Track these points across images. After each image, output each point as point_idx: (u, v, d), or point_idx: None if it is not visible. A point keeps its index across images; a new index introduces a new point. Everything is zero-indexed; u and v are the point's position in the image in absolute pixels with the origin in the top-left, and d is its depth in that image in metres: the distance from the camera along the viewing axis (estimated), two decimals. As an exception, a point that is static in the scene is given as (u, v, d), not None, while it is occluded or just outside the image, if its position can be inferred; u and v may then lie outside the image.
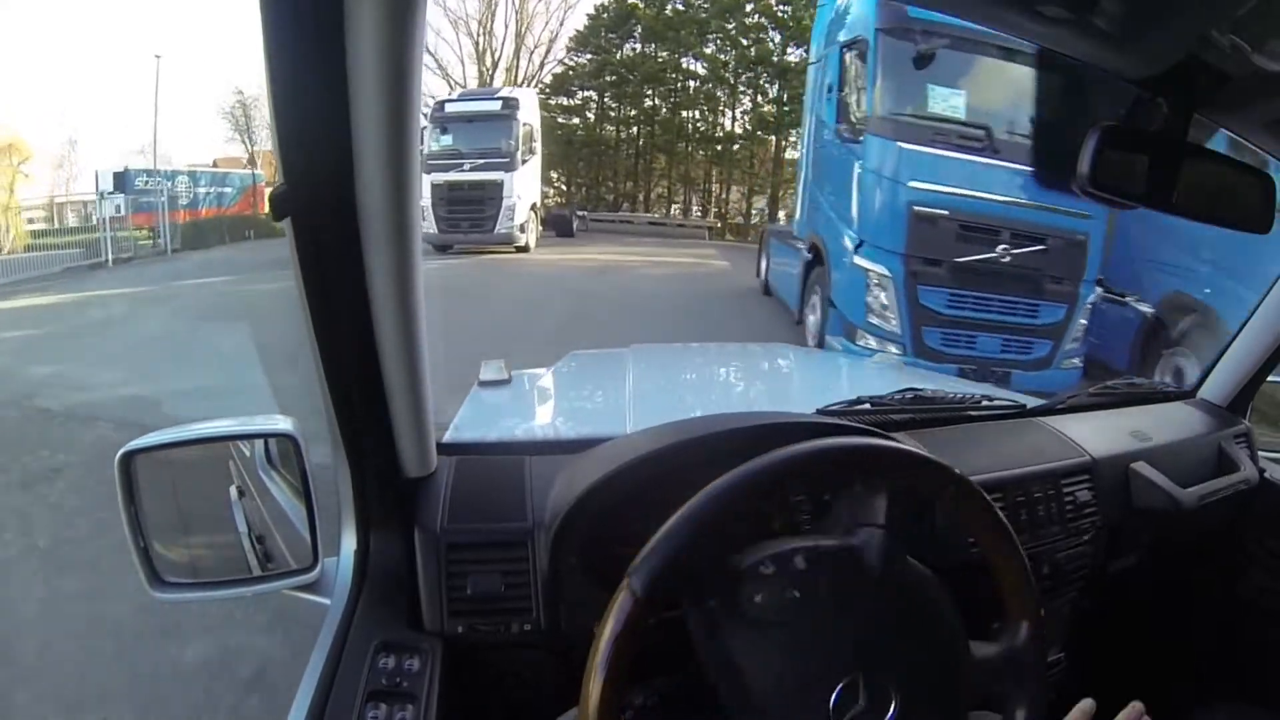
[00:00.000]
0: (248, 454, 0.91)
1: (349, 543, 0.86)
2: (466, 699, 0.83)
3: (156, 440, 0.80)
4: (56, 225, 14.18)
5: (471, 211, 11.44)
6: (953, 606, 0.68)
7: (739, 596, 0.64)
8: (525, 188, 11.95)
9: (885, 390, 1.24)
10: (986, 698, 0.72)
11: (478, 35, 19.25)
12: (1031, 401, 1.37)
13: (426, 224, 10.44)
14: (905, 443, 0.87)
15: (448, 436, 1.19)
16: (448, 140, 11.84)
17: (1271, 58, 0.62)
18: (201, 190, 15.10)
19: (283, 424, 0.82)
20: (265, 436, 0.87)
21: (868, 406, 1.17)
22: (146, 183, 13.73)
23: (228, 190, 15.63)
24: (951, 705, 0.67)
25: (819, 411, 1.12)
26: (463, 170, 11.43)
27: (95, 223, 12.59)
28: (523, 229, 11.77)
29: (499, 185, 11.45)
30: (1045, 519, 1.09)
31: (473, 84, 18.34)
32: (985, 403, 1.29)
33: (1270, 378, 1.43)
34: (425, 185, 10.23)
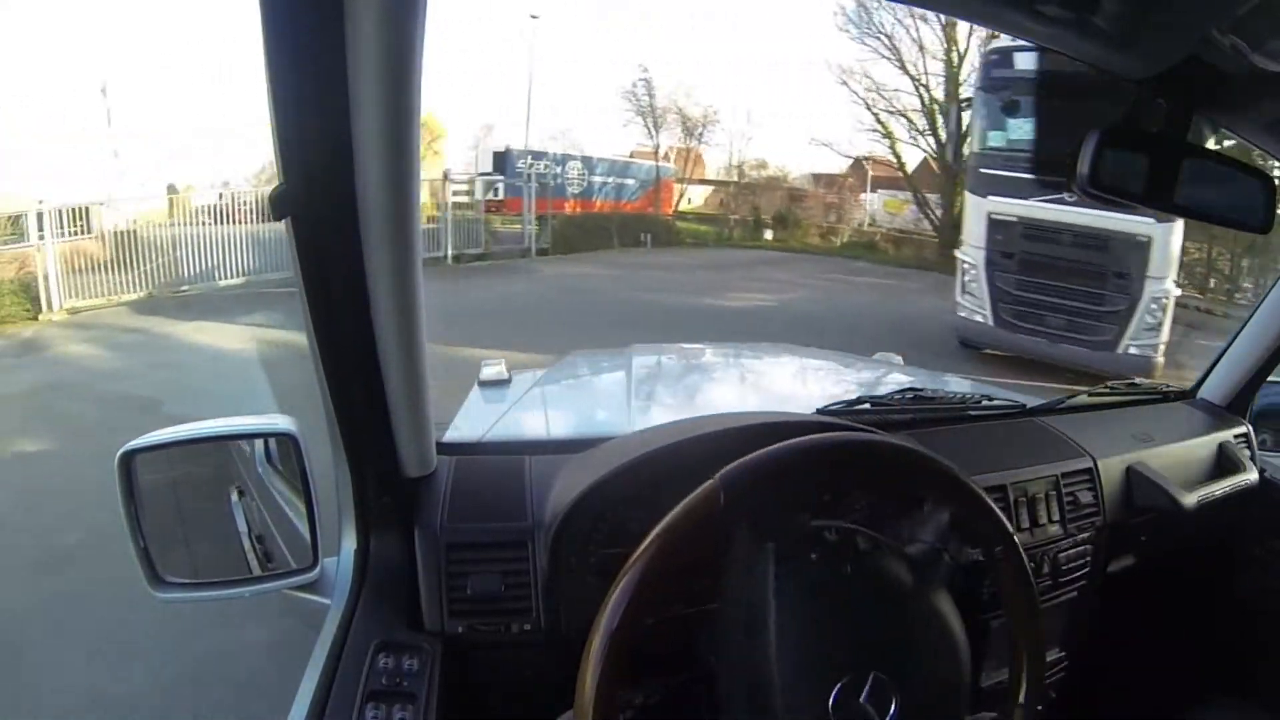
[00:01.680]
0: (248, 454, 0.91)
1: (349, 543, 0.86)
2: (466, 699, 0.83)
3: (156, 440, 0.80)
4: (472, 199, 12.78)
5: (1071, 295, 5.86)
6: (968, 645, 0.69)
7: (798, 549, 0.65)
8: (1173, 255, 5.83)
9: (885, 390, 1.24)
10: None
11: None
12: (1032, 401, 1.37)
13: (966, 304, 6.38)
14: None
15: (448, 436, 1.19)
16: (1020, 128, 6.18)
17: (1271, 58, 0.62)
18: (597, 179, 13.04)
19: (283, 424, 0.82)
20: (265, 436, 0.87)
21: (868, 406, 1.17)
22: (531, 165, 12.09)
23: (629, 182, 13.45)
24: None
25: (819, 411, 1.12)
26: (1064, 203, 5.63)
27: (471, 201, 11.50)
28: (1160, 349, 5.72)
29: (1140, 247, 5.59)
30: (1045, 519, 1.09)
31: (936, 86, 13.14)
32: (985, 403, 1.29)
33: (1270, 378, 1.43)
34: (973, 216, 6.50)
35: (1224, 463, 1.32)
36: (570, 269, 10.94)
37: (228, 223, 9.42)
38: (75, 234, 8.36)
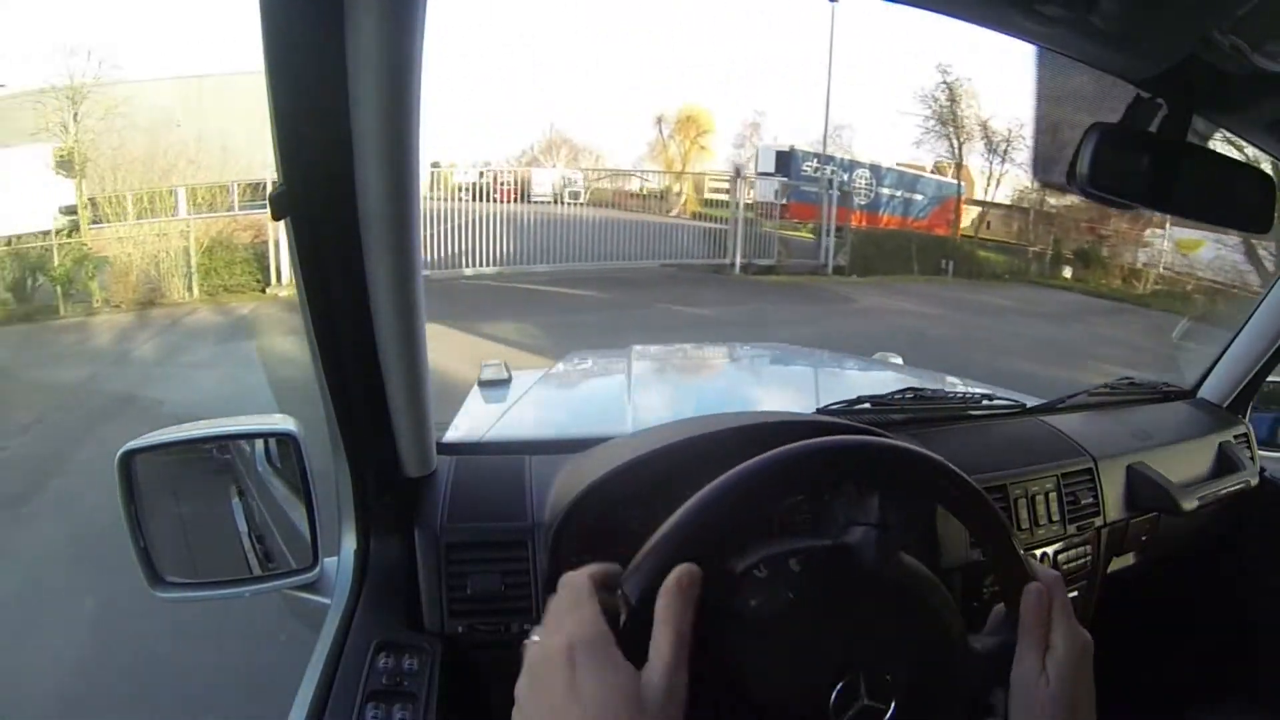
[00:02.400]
0: (248, 454, 0.91)
1: (349, 542, 0.86)
2: (466, 699, 0.83)
3: (156, 440, 0.80)
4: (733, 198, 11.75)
5: None
6: (952, 605, 0.68)
7: (734, 601, 0.63)
8: None
9: (885, 390, 1.24)
10: (989, 700, 0.72)
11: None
12: (1032, 401, 1.37)
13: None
14: (903, 440, 0.87)
15: (448, 436, 1.19)
16: None
17: (1271, 58, 0.62)
18: (885, 191, 11.25)
19: (283, 424, 0.82)
20: (265, 436, 0.87)
21: (868, 406, 1.17)
22: (815, 169, 10.75)
23: (917, 198, 11.48)
24: (950, 703, 0.67)
25: (819, 411, 1.12)
26: None
27: (757, 203, 10.34)
28: None
29: None
30: (1045, 518, 1.09)
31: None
32: (985, 402, 1.29)
33: (1270, 378, 1.43)
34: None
35: (1224, 463, 1.32)
36: (886, 301, 8.85)
37: (486, 201, 9.44)
38: None
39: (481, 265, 9.30)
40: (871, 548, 0.64)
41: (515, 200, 9.58)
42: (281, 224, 0.65)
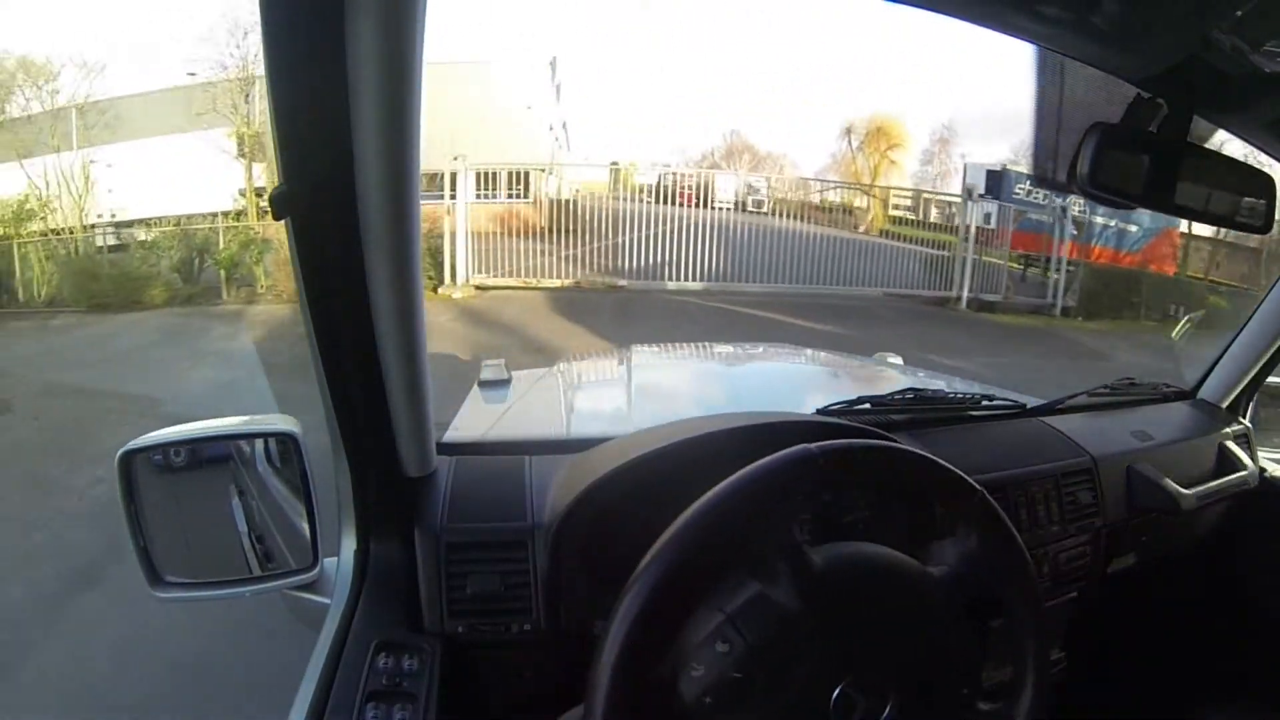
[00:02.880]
0: (248, 454, 0.91)
1: (349, 543, 0.86)
2: (466, 699, 0.83)
3: (156, 440, 0.80)
4: (918, 217, 11.27)
5: None
6: (904, 570, 0.68)
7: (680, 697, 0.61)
8: None
9: (885, 390, 1.24)
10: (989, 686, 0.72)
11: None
12: (1032, 401, 1.37)
13: None
14: (906, 443, 0.87)
15: (448, 436, 1.19)
16: None
17: (1271, 58, 0.62)
18: (1099, 221, 9.43)
19: (283, 424, 0.82)
20: (265, 436, 0.87)
21: (868, 407, 1.17)
22: (1028, 191, 9.26)
23: (1131, 229, 9.58)
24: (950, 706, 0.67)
25: (819, 411, 1.12)
26: None
27: (956, 225, 9.09)
28: None
29: None
30: (1045, 519, 1.09)
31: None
32: (985, 402, 1.29)
33: (1270, 378, 1.43)
34: None
35: (1224, 463, 1.32)
36: (1156, 362, 6.41)
37: (669, 204, 8.52)
38: (514, 195, 7.78)
39: (685, 279, 8.21)
40: (789, 588, 0.62)
41: (696, 204, 8.70)
42: (457, 217, 0.64)
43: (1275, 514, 1.34)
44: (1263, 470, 1.35)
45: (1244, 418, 1.43)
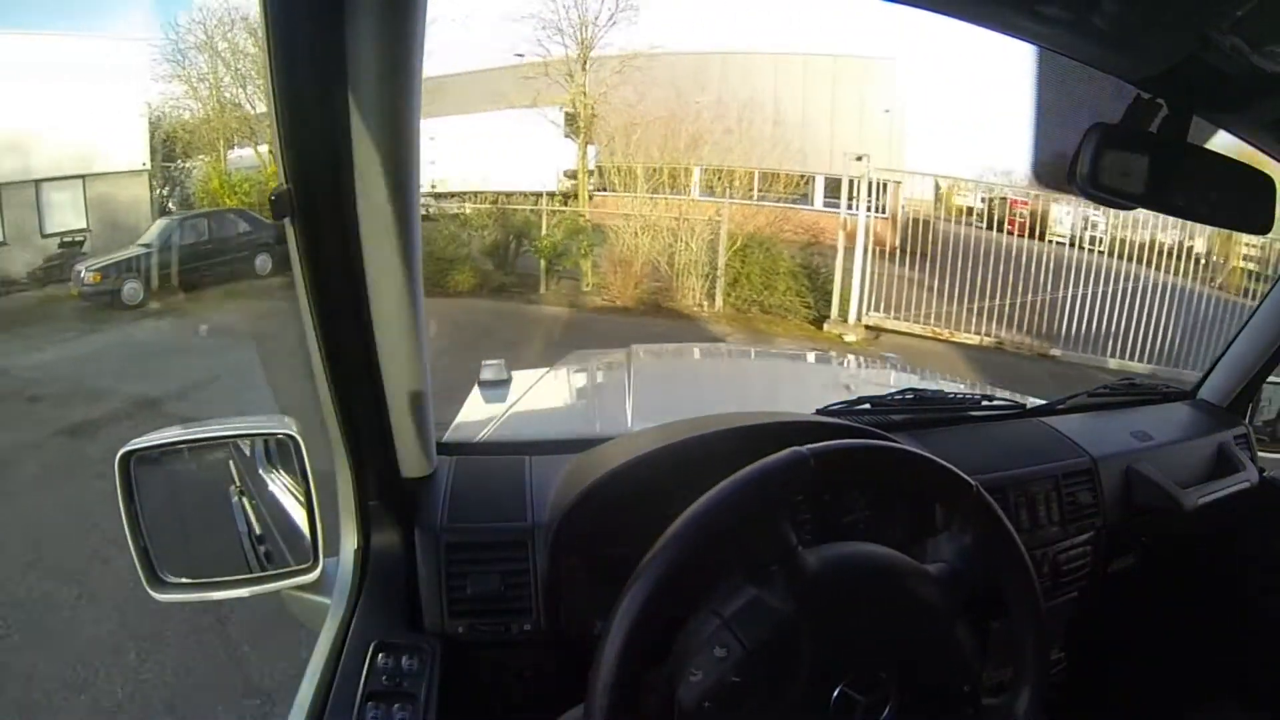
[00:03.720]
0: (248, 454, 0.91)
1: (349, 543, 0.86)
2: (466, 699, 0.83)
3: (157, 440, 0.80)
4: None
5: None
6: (896, 566, 0.68)
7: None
8: None
9: (885, 390, 1.24)
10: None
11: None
12: (1032, 401, 1.37)
13: None
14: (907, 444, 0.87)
15: (448, 436, 1.19)
16: None
17: (1271, 58, 0.62)
18: None
19: (283, 424, 0.82)
20: (265, 436, 0.87)
21: (868, 407, 1.17)
22: None
23: None
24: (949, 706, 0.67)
25: (819, 411, 1.12)
26: None
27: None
28: None
29: None
30: (1045, 519, 1.09)
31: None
32: (985, 403, 1.29)
33: (1270, 378, 1.43)
34: None
35: (1224, 463, 1.32)
36: None
37: (999, 231, 6.51)
38: (874, 209, 5.85)
39: (1129, 357, 5.63)
40: (783, 591, 0.63)
41: (1028, 235, 6.73)
42: (856, 233, 0.62)
43: (1275, 514, 1.34)
44: (1263, 470, 1.35)
45: (1244, 418, 1.43)
